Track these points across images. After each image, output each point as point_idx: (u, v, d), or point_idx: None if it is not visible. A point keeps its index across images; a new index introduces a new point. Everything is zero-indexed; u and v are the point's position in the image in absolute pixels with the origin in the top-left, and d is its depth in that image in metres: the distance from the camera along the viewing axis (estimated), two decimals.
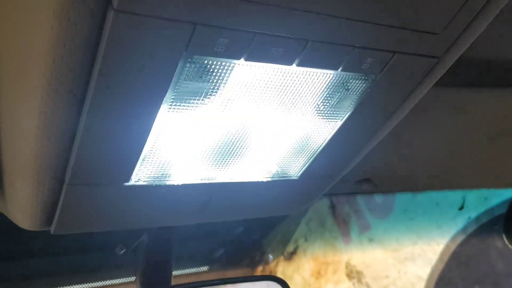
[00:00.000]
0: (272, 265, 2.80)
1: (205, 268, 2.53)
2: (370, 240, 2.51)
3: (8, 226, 0.69)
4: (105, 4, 0.39)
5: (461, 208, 2.03)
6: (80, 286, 1.93)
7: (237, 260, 2.70)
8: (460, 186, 1.23)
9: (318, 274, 2.79)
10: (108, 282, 1.99)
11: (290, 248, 2.81)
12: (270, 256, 2.78)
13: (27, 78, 0.45)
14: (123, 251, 0.78)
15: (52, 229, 0.64)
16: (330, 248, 2.72)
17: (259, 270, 2.76)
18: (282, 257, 2.83)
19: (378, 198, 2.43)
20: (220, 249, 2.51)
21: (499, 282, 2.05)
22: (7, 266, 1.72)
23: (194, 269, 2.44)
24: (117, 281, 2.01)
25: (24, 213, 0.61)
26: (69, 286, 1.91)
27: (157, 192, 0.63)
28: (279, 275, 2.84)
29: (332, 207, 2.63)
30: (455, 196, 2.11)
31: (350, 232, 2.59)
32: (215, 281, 0.79)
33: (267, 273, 2.78)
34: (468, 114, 0.90)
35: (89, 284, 1.95)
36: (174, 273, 0.84)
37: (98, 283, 1.98)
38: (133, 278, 1.91)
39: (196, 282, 0.79)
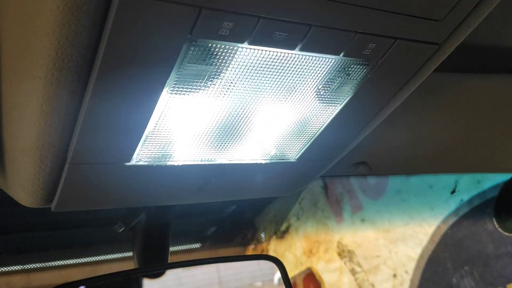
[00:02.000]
0: (264, 243, 2.84)
1: (197, 245, 2.56)
2: (362, 220, 2.55)
3: (6, 201, 0.70)
4: None
5: (453, 191, 2.06)
6: (77, 260, 1.95)
7: (229, 238, 2.72)
8: (455, 170, 1.25)
9: (309, 253, 2.83)
10: (105, 257, 2.01)
11: (282, 226, 2.85)
12: (262, 235, 2.81)
13: (32, 58, 0.45)
14: (122, 229, 0.79)
15: (52, 206, 0.64)
16: (322, 227, 2.75)
17: (251, 248, 2.80)
18: (274, 236, 2.86)
19: (372, 180, 2.45)
20: (212, 227, 2.53)
21: (488, 263, 2.09)
22: (4, 240, 1.73)
23: (186, 246, 2.46)
24: (114, 256, 2.03)
25: (25, 191, 0.61)
26: (65, 260, 1.93)
27: (158, 172, 0.63)
28: (271, 253, 2.87)
29: (325, 187, 2.65)
30: (448, 179, 2.14)
31: (343, 212, 2.63)
32: (211, 259, 0.81)
33: (259, 251, 2.81)
34: (465, 99, 0.91)
35: (86, 259, 1.97)
36: None
37: (95, 258, 2.00)
38: (128, 254, 1.94)
39: (193, 260, 0.80)
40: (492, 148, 1.06)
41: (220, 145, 0.64)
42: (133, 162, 0.60)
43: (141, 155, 0.60)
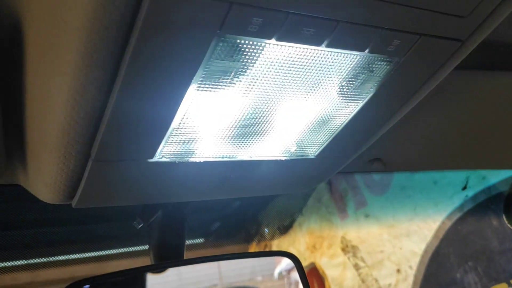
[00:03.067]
0: (267, 238, 2.84)
1: (200, 240, 2.56)
2: (366, 216, 2.55)
3: (28, 196, 0.70)
4: None
5: (465, 188, 2.06)
6: (94, 254, 1.96)
7: (232, 233, 2.73)
8: (470, 166, 1.25)
9: (313, 248, 2.84)
10: (120, 250, 2.02)
11: (285, 222, 2.85)
12: (266, 230, 2.81)
13: (60, 52, 0.45)
14: (140, 226, 0.79)
15: (73, 202, 0.64)
16: (326, 223, 2.75)
17: (254, 244, 2.80)
18: (277, 231, 2.87)
19: (376, 175, 2.45)
20: (216, 222, 2.53)
21: (493, 259, 2.09)
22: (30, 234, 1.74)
23: (190, 241, 2.46)
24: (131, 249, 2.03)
25: (47, 187, 0.61)
26: (83, 253, 1.94)
27: (179, 169, 0.63)
28: (274, 248, 2.88)
29: (329, 182, 2.65)
30: (453, 174, 2.14)
31: (347, 207, 2.63)
32: (227, 256, 0.81)
33: (262, 246, 2.81)
34: (480, 96, 0.91)
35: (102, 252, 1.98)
36: None
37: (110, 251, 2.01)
38: (138, 248, 1.94)
39: (208, 257, 0.80)
40: (506, 145, 1.07)
41: (242, 142, 0.64)
42: (156, 158, 0.60)
43: (164, 152, 0.60)
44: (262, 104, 0.58)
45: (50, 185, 0.61)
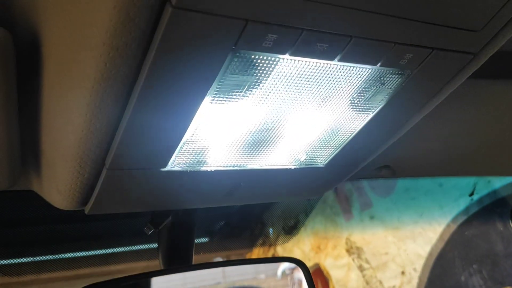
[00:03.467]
0: (272, 238, 2.85)
1: (205, 240, 2.57)
2: (371, 217, 2.55)
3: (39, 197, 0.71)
4: (163, 0, 0.40)
5: (472, 194, 2.06)
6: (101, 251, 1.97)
7: (237, 233, 2.73)
8: (477, 173, 1.25)
9: (318, 249, 2.84)
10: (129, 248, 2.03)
11: (290, 222, 2.85)
12: (270, 230, 2.82)
13: (80, 67, 0.46)
14: (151, 231, 0.80)
15: (87, 209, 0.65)
16: (331, 224, 2.76)
17: (259, 243, 2.81)
18: (282, 231, 2.87)
19: None
20: (220, 221, 2.53)
21: (497, 262, 2.09)
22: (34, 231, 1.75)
23: (194, 240, 2.45)
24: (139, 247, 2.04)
25: (61, 194, 0.62)
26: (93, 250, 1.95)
27: (190, 177, 0.64)
28: (279, 248, 2.89)
29: None
30: (459, 178, 2.13)
31: (352, 209, 2.63)
32: (235, 261, 0.82)
33: (266, 245, 2.82)
34: (490, 104, 0.92)
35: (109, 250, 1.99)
36: None
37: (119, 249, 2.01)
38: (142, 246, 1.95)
39: (216, 262, 0.81)
40: None
41: (252, 152, 0.65)
42: (168, 168, 0.61)
43: (177, 161, 0.61)
44: (274, 116, 0.59)
45: (64, 192, 0.62)
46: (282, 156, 0.68)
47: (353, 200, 2.62)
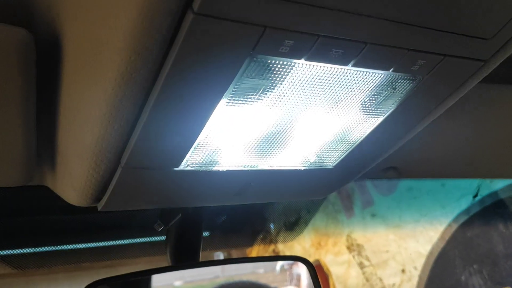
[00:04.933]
0: (273, 234, 2.86)
1: (206, 234, 2.57)
2: (373, 215, 2.56)
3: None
4: (185, 6, 0.41)
5: (476, 195, 2.07)
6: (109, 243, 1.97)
7: (238, 228, 2.74)
8: (483, 175, 1.26)
9: (318, 245, 2.85)
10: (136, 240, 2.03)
11: (291, 218, 2.86)
12: (271, 225, 2.83)
13: (100, 69, 0.47)
14: (161, 228, 0.82)
15: (100, 206, 0.66)
16: (332, 221, 2.77)
17: (259, 238, 2.82)
18: (283, 227, 2.88)
19: None
20: (221, 216, 2.54)
21: (498, 262, 2.11)
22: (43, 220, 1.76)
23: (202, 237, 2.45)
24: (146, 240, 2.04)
25: (75, 191, 0.63)
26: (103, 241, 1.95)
27: (202, 177, 0.65)
28: (279, 243, 2.90)
29: None
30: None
31: (353, 206, 2.64)
32: (242, 259, 0.83)
33: (267, 241, 2.83)
34: (496, 108, 0.92)
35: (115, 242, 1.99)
36: None
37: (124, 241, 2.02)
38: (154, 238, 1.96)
39: (222, 260, 0.82)
40: None
41: (263, 153, 0.66)
42: (181, 167, 0.62)
43: (190, 161, 0.62)
44: (286, 118, 0.60)
45: (78, 189, 0.63)
46: (292, 157, 0.69)
47: (355, 198, 2.63)
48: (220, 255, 2.35)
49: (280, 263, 1.96)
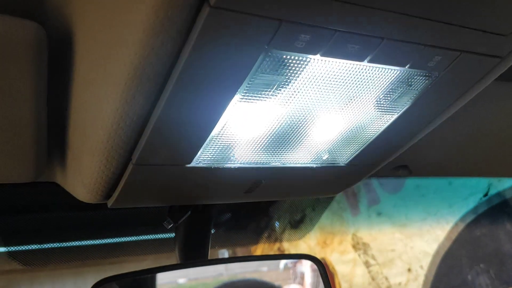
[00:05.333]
0: (278, 232, 2.85)
1: (211, 231, 2.56)
2: (379, 214, 2.55)
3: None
4: (201, 0, 0.40)
5: (486, 194, 2.06)
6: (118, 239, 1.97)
7: (243, 225, 2.73)
8: (493, 174, 1.25)
9: (324, 243, 2.84)
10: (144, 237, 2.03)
11: (297, 216, 2.86)
12: (277, 223, 2.82)
13: (114, 64, 0.46)
14: (170, 226, 0.81)
15: (109, 203, 0.66)
16: (338, 219, 2.76)
17: (264, 237, 2.81)
18: (288, 225, 2.88)
19: None
20: (226, 213, 2.54)
21: (505, 262, 2.09)
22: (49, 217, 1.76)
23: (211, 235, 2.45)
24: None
25: (86, 187, 0.63)
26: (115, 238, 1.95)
27: (213, 173, 0.65)
28: (284, 241, 2.90)
29: None
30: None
31: (359, 204, 2.63)
32: (251, 257, 0.82)
33: (272, 239, 2.83)
34: (507, 106, 0.91)
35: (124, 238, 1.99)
36: None
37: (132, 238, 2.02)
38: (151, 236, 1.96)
39: (231, 258, 0.82)
40: None
41: (276, 150, 0.65)
42: (193, 164, 0.61)
43: (202, 158, 0.61)
44: (299, 115, 0.59)
45: (88, 186, 0.62)
46: (305, 154, 0.68)
47: (361, 196, 2.62)
48: (224, 253, 2.35)
49: (284, 262, 1.96)
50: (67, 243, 2.02)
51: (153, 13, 0.40)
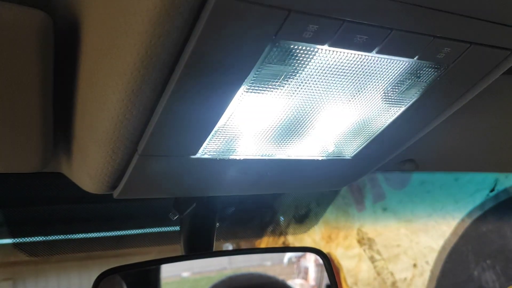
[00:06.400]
0: (283, 226, 2.85)
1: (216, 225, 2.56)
2: (384, 209, 2.54)
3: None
4: None
5: (493, 190, 2.05)
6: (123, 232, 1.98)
7: (247, 219, 2.74)
8: (501, 169, 1.24)
9: (328, 238, 2.84)
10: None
11: (301, 211, 2.86)
12: (281, 218, 2.82)
13: (120, 54, 0.46)
14: (176, 217, 0.81)
15: (115, 193, 0.66)
16: (343, 214, 2.75)
17: (269, 230, 2.81)
18: (293, 220, 2.88)
19: None
20: (230, 207, 2.53)
21: (511, 258, 2.08)
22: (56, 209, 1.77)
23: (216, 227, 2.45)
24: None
25: (91, 178, 0.63)
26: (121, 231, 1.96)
27: (219, 165, 0.64)
28: (289, 236, 2.90)
29: None
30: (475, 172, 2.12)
31: (364, 200, 2.62)
32: (256, 250, 0.82)
33: (277, 233, 2.83)
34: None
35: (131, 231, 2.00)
36: None
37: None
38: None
39: (236, 250, 0.81)
40: None
41: (282, 142, 0.65)
42: (198, 155, 0.61)
43: (207, 149, 0.61)
44: (306, 107, 0.59)
45: (94, 177, 0.62)
46: (311, 147, 0.68)
47: (366, 191, 2.61)
48: (229, 247, 2.36)
49: (288, 256, 1.95)
50: (72, 235, 2.03)
51: (159, 2, 0.40)
